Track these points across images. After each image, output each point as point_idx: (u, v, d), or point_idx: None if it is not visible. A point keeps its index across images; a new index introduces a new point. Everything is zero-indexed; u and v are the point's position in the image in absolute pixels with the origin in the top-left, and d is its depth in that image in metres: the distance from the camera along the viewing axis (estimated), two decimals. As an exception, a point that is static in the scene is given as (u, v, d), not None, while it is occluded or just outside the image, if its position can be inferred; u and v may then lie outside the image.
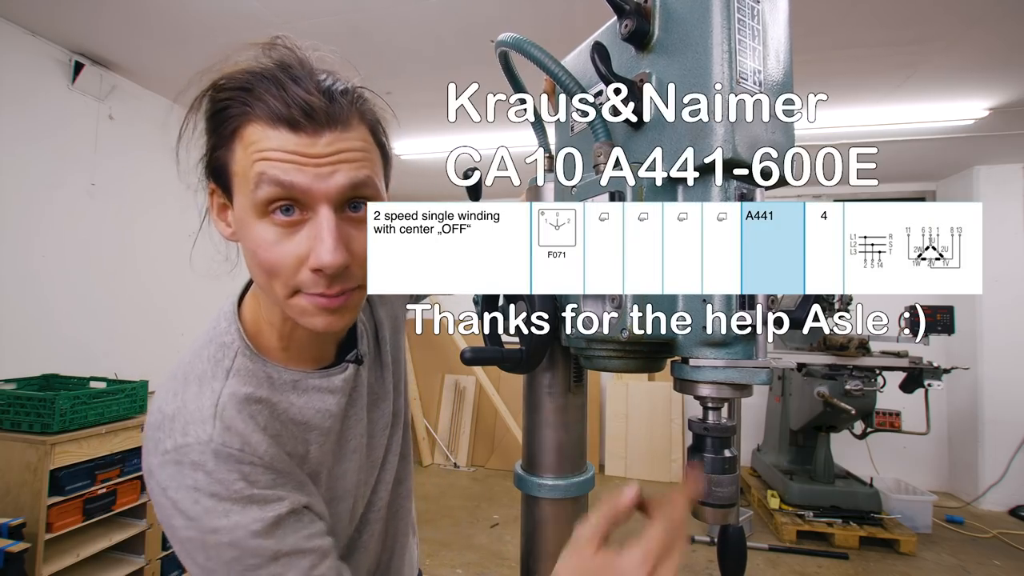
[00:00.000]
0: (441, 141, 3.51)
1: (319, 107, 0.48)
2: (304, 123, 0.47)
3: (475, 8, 2.09)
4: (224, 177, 0.50)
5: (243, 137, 0.48)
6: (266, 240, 0.48)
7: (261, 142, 0.47)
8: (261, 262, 0.49)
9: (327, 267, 0.48)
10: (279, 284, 0.49)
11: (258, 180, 0.47)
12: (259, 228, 0.48)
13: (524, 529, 0.62)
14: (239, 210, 0.50)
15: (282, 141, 0.47)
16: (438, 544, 2.94)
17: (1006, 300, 3.62)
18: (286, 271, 0.49)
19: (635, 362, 0.49)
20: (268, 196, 0.47)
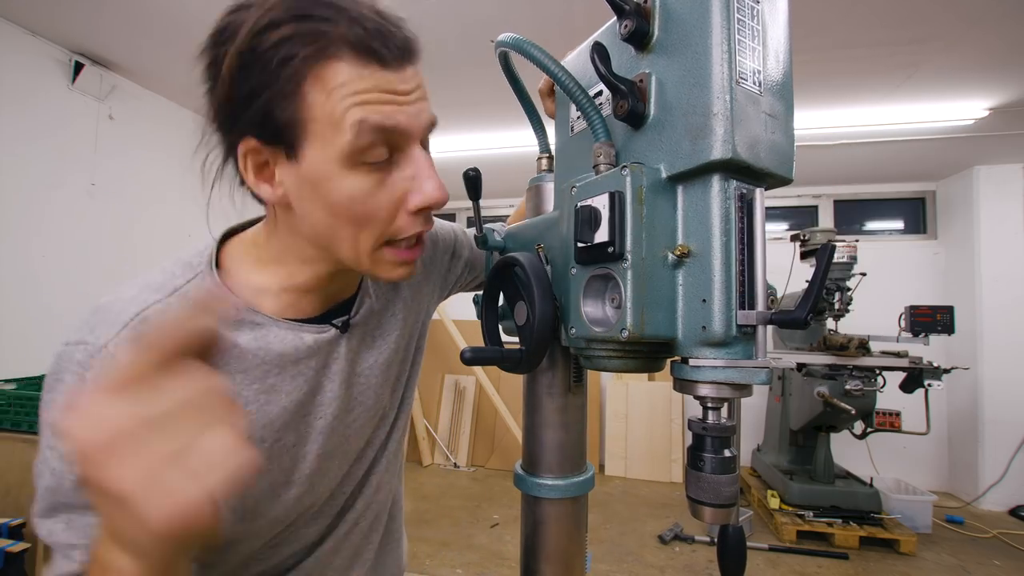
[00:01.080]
0: (441, 141, 3.51)
1: (400, 38, 0.44)
2: (391, 56, 0.43)
3: (475, 8, 2.09)
4: (288, 132, 0.43)
5: (322, 79, 0.41)
6: (362, 191, 0.44)
7: (354, 83, 0.41)
8: (356, 215, 0.45)
9: (439, 203, 0.46)
10: (369, 235, 0.46)
11: (359, 128, 0.42)
12: (350, 180, 0.44)
13: (524, 529, 0.62)
14: (316, 166, 0.43)
15: (376, 80, 0.42)
16: (438, 544, 2.94)
17: (1006, 300, 3.62)
18: (384, 219, 0.46)
19: (635, 362, 0.49)
20: (368, 143, 0.42)
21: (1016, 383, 3.55)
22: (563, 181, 0.59)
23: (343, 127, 0.42)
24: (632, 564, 2.73)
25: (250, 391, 0.49)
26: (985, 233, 3.69)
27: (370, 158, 0.44)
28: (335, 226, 0.46)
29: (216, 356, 0.32)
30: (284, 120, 0.42)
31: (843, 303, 3.09)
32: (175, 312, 0.33)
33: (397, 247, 0.48)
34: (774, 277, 0.48)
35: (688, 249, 0.42)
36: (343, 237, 0.47)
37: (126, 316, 0.44)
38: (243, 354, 0.49)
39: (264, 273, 0.52)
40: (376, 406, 0.62)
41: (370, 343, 0.61)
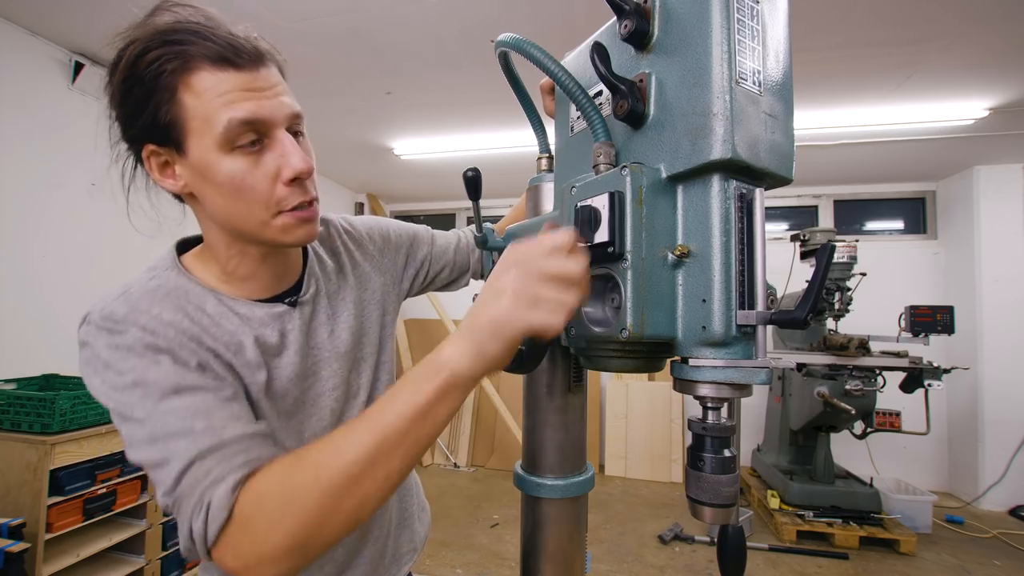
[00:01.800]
0: (441, 141, 3.51)
1: (247, 46, 0.54)
2: (242, 61, 0.53)
3: (475, 8, 2.09)
4: (173, 132, 0.53)
5: (191, 86, 0.52)
6: (240, 170, 0.54)
7: (216, 86, 0.52)
8: (239, 190, 0.54)
9: (304, 172, 0.56)
10: (260, 208, 0.55)
11: (228, 122, 0.51)
12: (228, 163, 0.53)
13: (524, 529, 0.62)
14: (199, 156, 0.53)
15: (234, 81, 0.52)
16: (438, 544, 2.94)
17: (1006, 300, 3.62)
18: (264, 192, 0.55)
19: (635, 362, 0.49)
20: (238, 132, 0.52)
21: (1016, 383, 3.55)
22: (563, 181, 0.59)
23: (214, 122, 0.52)
24: (632, 564, 2.73)
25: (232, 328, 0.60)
26: (985, 233, 3.69)
27: (240, 142, 0.53)
28: (229, 204, 0.55)
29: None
30: (167, 122, 0.53)
31: (843, 303, 3.09)
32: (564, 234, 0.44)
33: (292, 212, 0.57)
34: (774, 277, 0.48)
35: (688, 249, 0.42)
36: (239, 212, 0.56)
37: (114, 295, 0.56)
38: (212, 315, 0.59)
39: (210, 268, 0.63)
40: (335, 378, 0.69)
41: (322, 320, 0.69)
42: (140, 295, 0.56)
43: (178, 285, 0.59)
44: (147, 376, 0.51)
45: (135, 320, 0.53)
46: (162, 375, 0.51)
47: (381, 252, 0.82)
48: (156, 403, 0.50)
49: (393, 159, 3.84)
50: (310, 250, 0.72)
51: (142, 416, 0.50)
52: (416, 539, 0.85)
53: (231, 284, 0.63)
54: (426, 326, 4.74)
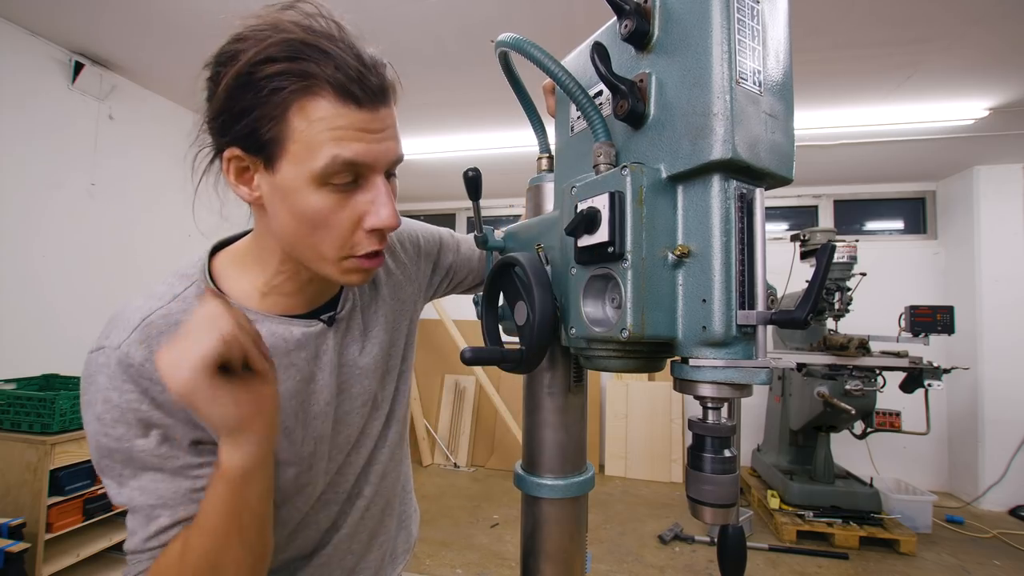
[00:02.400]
0: (441, 141, 3.51)
1: (375, 84, 0.51)
2: (366, 99, 0.50)
3: (475, 8, 2.09)
4: (270, 148, 0.50)
5: (306, 111, 0.48)
6: (326, 207, 0.51)
7: (332, 119, 0.49)
8: (317, 225, 0.52)
9: (390, 227, 0.54)
10: (333, 247, 0.53)
11: (332, 158, 0.49)
12: (317, 196, 0.51)
13: (524, 529, 0.62)
14: (288, 180, 0.51)
15: (351, 119, 0.49)
16: (438, 544, 2.94)
17: (1006, 300, 3.62)
18: (343, 234, 0.53)
19: (635, 362, 0.49)
20: (338, 171, 0.50)
21: (1016, 383, 3.55)
22: (563, 181, 0.59)
23: (317, 154, 0.49)
24: (632, 564, 2.73)
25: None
26: (985, 233, 3.69)
27: (336, 180, 0.51)
28: (299, 232, 0.53)
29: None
30: (268, 138, 0.50)
31: (843, 303, 3.09)
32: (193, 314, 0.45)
33: (359, 259, 0.55)
34: (774, 277, 0.48)
35: (688, 249, 0.42)
36: (306, 243, 0.54)
37: (134, 321, 0.52)
38: None
39: (250, 276, 0.60)
40: (365, 394, 0.68)
41: (355, 336, 0.67)
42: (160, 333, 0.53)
43: None
44: (132, 449, 0.51)
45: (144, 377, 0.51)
46: (146, 452, 0.51)
47: (413, 261, 0.80)
48: (130, 476, 0.51)
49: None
50: None
51: (114, 480, 0.52)
52: (411, 540, 0.87)
53: (270, 297, 0.60)
54: (426, 326, 4.74)
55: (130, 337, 0.51)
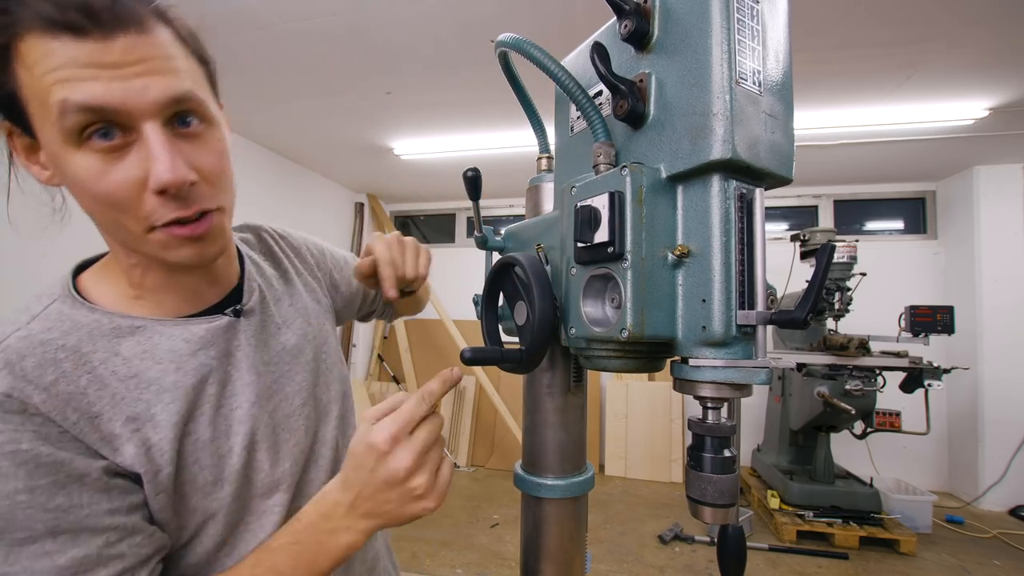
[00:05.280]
0: (441, 141, 3.51)
1: (101, 4, 0.40)
2: (87, 25, 0.39)
3: (474, 8, 2.09)
4: (16, 110, 0.42)
5: (21, 57, 0.40)
6: (90, 171, 0.42)
7: (46, 59, 0.39)
8: (95, 196, 0.43)
9: (169, 185, 0.43)
10: (130, 219, 0.44)
11: (62, 107, 0.40)
12: (78, 159, 0.42)
13: (524, 529, 0.62)
14: (47, 143, 0.42)
15: (71, 53, 0.39)
16: (438, 544, 2.94)
17: (1006, 300, 3.62)
18: (129, 201, 0.43)
19: (635, 362, 0.49)
20: (78, 123, 0.40)
21: (1016, 383, 3.55)
22: (563, 181, 0.59)
23: (48, 104, 0.40)
24: (632, 564, 2.73)
25: (149, 393, 0.48)
26: (985, 233, 3.69)
27: (88, 134, 0.41)
28: (93, 210, 0.45)
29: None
30: (5, 97, 0.42)
31: (843, 303, 3.09)
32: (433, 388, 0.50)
33: (168, 228, 0.45)
34: (774, 277, 0.48)
35: (688, 249, 0.42)
36: (107, 220, 0.46)
37: None
38: (128, 361, 0.48)
39: (116, 279, 0.52)
40: (302, 392, 0.62)
41: (274, 330, 0.61)
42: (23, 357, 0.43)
43: (75, 324, 0.47)
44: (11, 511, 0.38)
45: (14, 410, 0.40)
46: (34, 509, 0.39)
47: (318, 265, 0.75)
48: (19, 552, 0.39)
49: (393, 159, 3.84)
50: (245, 256, 0.63)
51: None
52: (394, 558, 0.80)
53: (145, 299, 0.52)
54: (426, 326, 4.74)
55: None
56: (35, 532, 0.39)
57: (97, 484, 0.43)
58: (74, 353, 0.45)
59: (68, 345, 0.45)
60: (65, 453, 0.41)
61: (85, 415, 0.44)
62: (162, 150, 0.42)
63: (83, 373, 0.45)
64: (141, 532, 0.45)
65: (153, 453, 0.47)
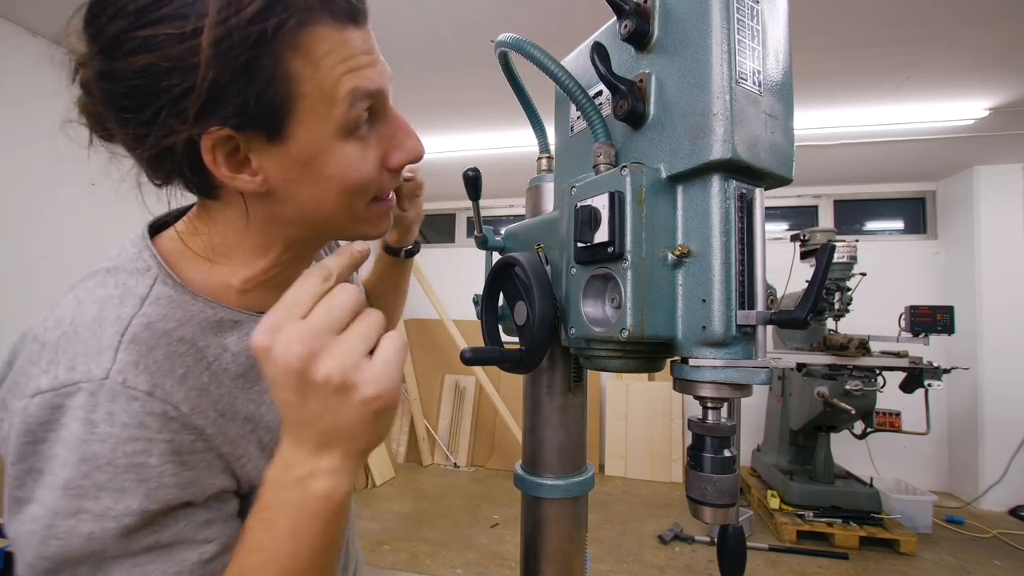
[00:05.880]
0: (441, 141, 3.51)
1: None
2: (360, 13, 0.41)
3: (475, 8, 2.09)
4: (273, 113, 0.38)
5: (305, 50, 0.37)
6: (355, 159, 0.43)
7: (338, 49, 0.39)
8: (351, 183, 0.43)
9: (420, 156, 0.48)
10: (362, 200, 0.46)
11: (352, 96, 0.40)
12: (345, 150, 0.42)
13: (524, 529, 0.62)
14: (307, 143, 0.40)
15: (356, 41, 0.40)
16: (438, 544, 2.94)
17: (1006, 300, 3.62)
18: (372, 182, 0.45)
19: (635, 362, 0.49)
20: (362, 110, 0.41)
21: (1016, 383, 3.55)
22: (563, 181, 0.59)
23: (337, 98, 0.39)
24: (632, 564, 2.73)
25: (254, 392, 0.46)
26: (985, 233, 3.69)
27: (361, 123, 0.42)
28: (326, 200, 0.44)
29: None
30: (267, 101, 0.38)
31: (843, 303, 3.09)
32: (342, 254, 0.39)
33: (382, 202, 0.49)
34: (774, 277, 0.48)
35: (688, 249, 0.42)
36: (335, 208, 0.45)
37: (109, 340, 0.38)
38: (236, 357, 0.45)
39: (219, 269, 0.47)
40: None
41: None
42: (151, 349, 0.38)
43: (186, 313, 0.42)
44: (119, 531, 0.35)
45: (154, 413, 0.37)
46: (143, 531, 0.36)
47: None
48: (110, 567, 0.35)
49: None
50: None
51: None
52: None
53: (253, 293, 0.48)
54: (427, 326, 4.74)
55: (117, 361, 0.36)
56: (132, 551, 0.36)
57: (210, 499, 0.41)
58: (192, 347, 0.42)
59: (186, 338, 0.41)
60: (189, 473, 0.38)
61: (214, 415, 0.41)
62: (410, 128, 0.47)
63: (203, 369, 0.42)
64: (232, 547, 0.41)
65: (266, 457, 0.44)
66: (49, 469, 0.35)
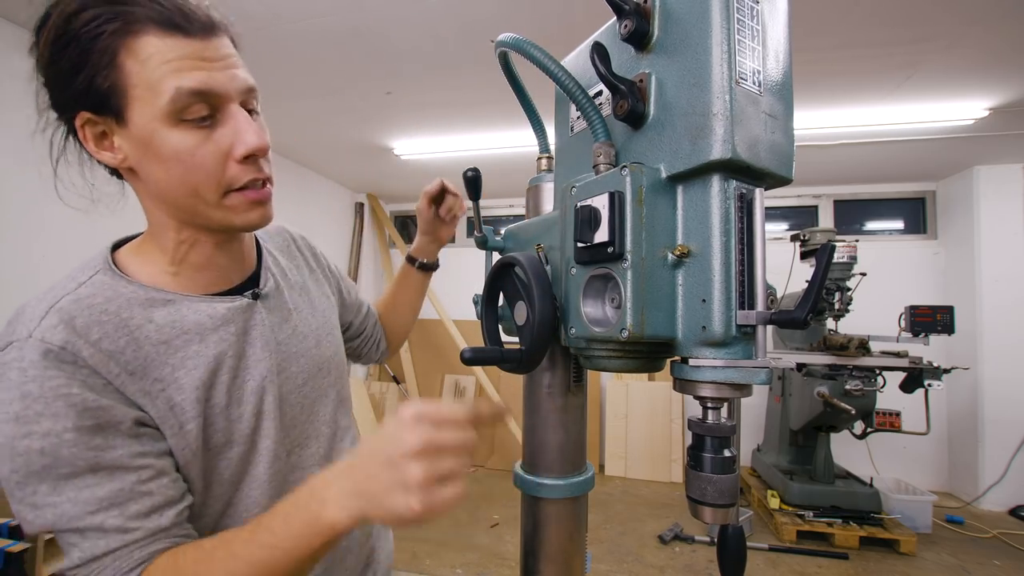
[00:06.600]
0: (441, 141, 3.51)
1: (198, 12, 0.51)
2: (193, 28, 0.50)
3: (475, 8, 2.08)
4: (112, 99, 0.49)
5: (134, 51, 0.48)
6: (188, 145, 0.50)
7: (162, 52, 0.48)
8: (187, 166, 0.51)
9: (259, 149, 0.53)
10: (209, 187, 0.52)
11: (176, 90, 0.48)
12: (175, 136, 0.50)
13: (524, 529, 0.62)
14: (142, 126, 0.50)
15: (183, 48, 0.49)
16: (438, 544, 2.94)
17: (1006, 300, 3.61)
18: (214, 169, 0.52)
19: (635, 362, 0.49)
20: (187, 103, 0.49)
21: (1016, 383, 3.55)
22: (563, 181, 0.59)
23: (160, 90, 0.48)
24: (632, 564, 2.73)
25: (175, 359, 0.54)
26: (985, 233, 3.69)
27: (190, 115, 0.50)
28: (172, 178, 0.52)
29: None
30: (105, 89, 0.49)
31: (843, 303, 3.09)
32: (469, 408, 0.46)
33: (243, 192, 0.54)
34: (774, 277, 0.48)
35: (688, 249, 0.42)
36: (186, 190, 0.52)
37: (40, 311, 0.49)
38: (160, 328, 0.54)
39: (154, 258, 0.58)
40: (303, 373, 0.66)
41: (285, 315, 0.67)
42: (74, 317, 0.49)
43: (116, 292, 0.53)
44: (59, 448, 0.45)
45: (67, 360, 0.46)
46: (79, 447, 0.45)
47: (330, 269, 0.84)
48: (50, 492, 0.45)
49: (393, 159, 3.84)
50: (263, 247, 0.70)
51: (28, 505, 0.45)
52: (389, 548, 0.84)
53: (182, 276, 0.58)
54: (426, 326, 4.74)
55: (42, 323, 0.48)
56: (78, 468, 0.46)
57: (131, 431, 0.49)
58: (115, 317, 0.51)
59: (110, 310, 0.52)
60: (106, 400, 0.48)
61: (124, 370, 0.50)
62: (249, 123, 0.53)
63: (123, 335, 0.51)
64: (168, 475, 0.51)
65: (176, 411, 0.53)
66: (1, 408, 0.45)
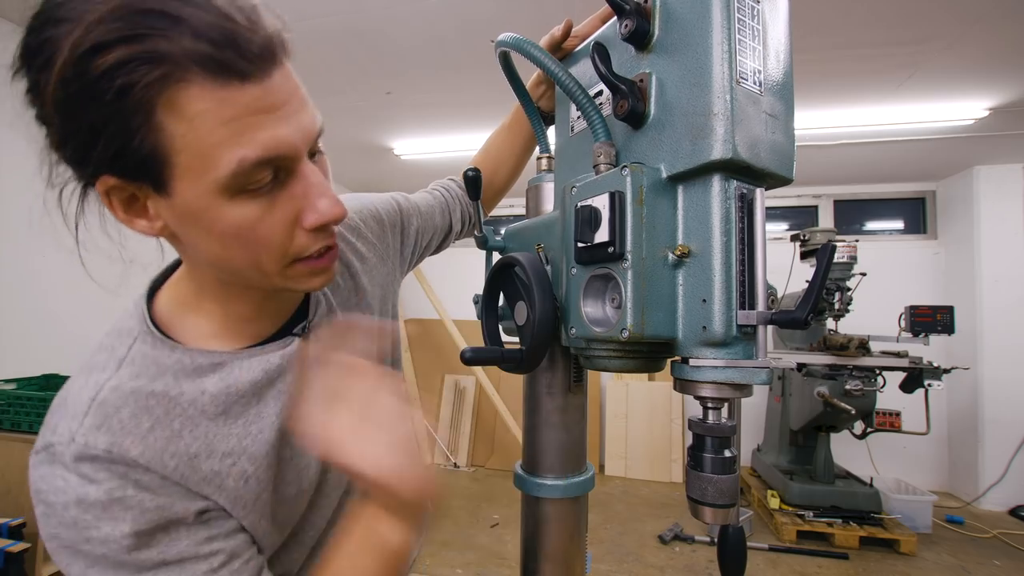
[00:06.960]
0: (441, 141, 3.51)
1: (258, 41, 0.37)
2: (251, 67, 0.37)
3: (475, 8, 2.08)
4: (151, 167, 0.38)
5: (178, 108, 0.35)
6: (249, 218, 0.40)
7: (215, 111, 0.36)
8: (247, 241, 0.41)
9: (335, 219, 0.44)
10: (272, 260, 0.43)
11: (239, 163, 0.37)
12: (235, 210, 0.40)
13: (524, 529, 0.62)
14: (191, 199, 0.39)
15: (241, 99, 0.36)
16: (438, 544, 2.94)
17: (1006, 300, 3.61)
18: (280, 242, 0.43)
19: (635, 362, 0.49)
20: (252, 178, 0.39)
21: (1016, 383, 3.55)
22: (563, 181, 0.59)
23: (218, 162, 0.37)
24: (632, 564, 2.73)
25: (238, 427, 0.49)
26: (985, 233, 3.69)
27: (253, 185, 0.39)
28: (230, 255, 0.43)
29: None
30: (143, 155, 0.37)
31: (843, 303, 3.09)
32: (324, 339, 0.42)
33: (307, 261, 0.46)
34: (774, 277, 0.48)
35: (688, 249, 0.42)
36: (243, 263, 0.44)
37: (82, 404, 0.43)
38: (215, 398, 0.48)
39: (201, 314, 0.50)
40: None
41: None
42: (117, 410, 0.43)
43: (161, 367, 0.46)
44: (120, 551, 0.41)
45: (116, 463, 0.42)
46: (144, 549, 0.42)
47: (380, 237, 0.71)
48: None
49: (393, 159, 3.84)
50: None
51: None
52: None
53: (230, 329, 0.51)
54: (427, 326, 4.74)
55: (83, 425, 0.42)
56: (144, 567, 0.42)
57: (196, 520, 0.45)
58: (164, 398, 0.45)
59: (157, 391, 0.45)
60: (164, 498, 0.43)
61: (184, 458, 0.45)
62: (323, 187, 0.43)
63: (175, 416, 0.45)
64: (240, 556, 0.46)
65: (251, 484, 0.49)
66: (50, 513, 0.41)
